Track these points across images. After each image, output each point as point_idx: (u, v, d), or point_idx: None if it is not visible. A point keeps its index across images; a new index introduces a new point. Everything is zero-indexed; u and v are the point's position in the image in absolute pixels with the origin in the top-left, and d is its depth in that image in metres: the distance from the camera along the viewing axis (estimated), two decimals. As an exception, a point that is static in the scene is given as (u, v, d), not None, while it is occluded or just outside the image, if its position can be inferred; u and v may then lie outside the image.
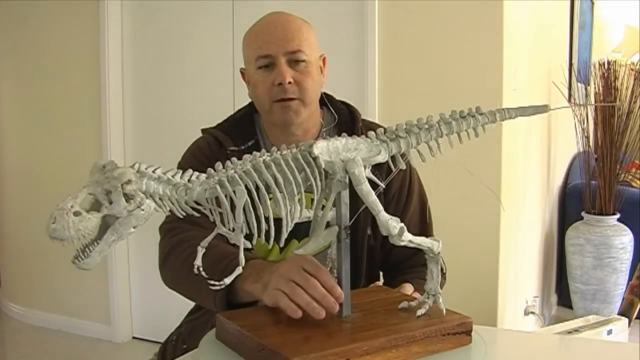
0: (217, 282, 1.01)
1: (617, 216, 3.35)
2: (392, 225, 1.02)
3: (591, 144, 3.55)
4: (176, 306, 1.52)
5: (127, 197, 0.87)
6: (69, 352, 3.22)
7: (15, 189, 3.63)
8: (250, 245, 0.98)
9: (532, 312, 3.05)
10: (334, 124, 1.43)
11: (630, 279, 3.32)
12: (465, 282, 2.30)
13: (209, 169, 0.97)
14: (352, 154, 1.03)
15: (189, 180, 0.94)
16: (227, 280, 1.01)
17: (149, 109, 3.21)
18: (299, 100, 1.33)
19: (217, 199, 0.96)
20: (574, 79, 3.93)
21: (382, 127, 1.21)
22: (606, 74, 3.36)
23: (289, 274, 1.07)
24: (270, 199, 0.98)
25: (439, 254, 1.08)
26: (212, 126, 1.44)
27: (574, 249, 3.37)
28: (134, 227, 0.88)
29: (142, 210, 0.87)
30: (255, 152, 1.00)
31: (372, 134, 1.06)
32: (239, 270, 0.99)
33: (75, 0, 3.22)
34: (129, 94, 3.23)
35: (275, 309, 1.06)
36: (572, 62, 3.97)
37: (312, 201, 1.04)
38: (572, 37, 4.00)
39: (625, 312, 3.15)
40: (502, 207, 2.51)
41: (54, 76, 3.35)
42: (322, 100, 1.45)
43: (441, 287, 1.08)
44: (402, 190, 1.42)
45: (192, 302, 1.40)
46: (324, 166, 1.01)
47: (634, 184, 3.70)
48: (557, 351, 1.31)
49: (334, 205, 1.05)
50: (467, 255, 2.46)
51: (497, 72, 2.50)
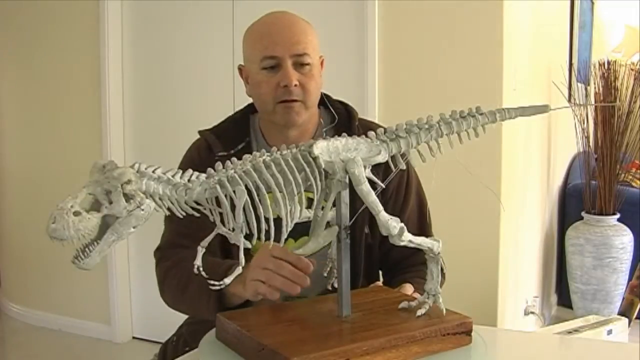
0: (217, 282, 1.02)
1: (617, 216, 3.35)
2: (392, 225, 1.02)
3: (591, 144, 3.55)
4: (176, 306, 1.52)
5: (127, 197, 0.87)
6: (69, 352, 3.22)
7: (15, 189, 3.63)
8: (250, 245, 0.98)
9: (532, 312, 3.05)
10: (333, 124, 1.44)
11: (630, 279, 3.32)
12: (465, 282, 2.30)
13: (209, 169, 0.97)
14: (352, 154, 1.03)
15: (189, 180, 0.94)
16: (227, 280, 1.01)
17: (149, 109, 3.21)
18: (301, 102, 1.33)
19: (217, 199, 0.96)
20: (574, 79, 3.93)
21: (380, 126, 1.21)
22: (606, 74, 3.36)
23: (261, 263, 1.16)
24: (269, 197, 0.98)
25: (439, 254, 1.08)
26: (208, 128, 1.45)
27: (574, 249, 3.37)
28: (134, 227, 0.88)
29: (142, 210, 0.87)
30: (255, 152, 1.00)
31: (372, 134, 1.06)
32: (239, 270, 0.99)
33: (75, 0, 3.22)
34: (129, 94, 3.22)
35: (275, 308, 1.06)
36: (572, 62, 3.97)
37: (310, 200, 1.04)
38: (572, 37, 4.00)
39: (625, 312, 3.15)
40: (502, 207, 2.51)
41: (54, 76, 3.35)
42: (321, 100, 1.45)
43: (440, 286, 1.08)
44: (399, 189, 1.42)
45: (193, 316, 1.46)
46: (324, 166, 1.01)
47: (634, 184, 3.70)
48: (557, 351, 1.31)
49: (334, 205, 1.05)
50: (467, 255, 2.46)
51: (497, 72, 2.49)
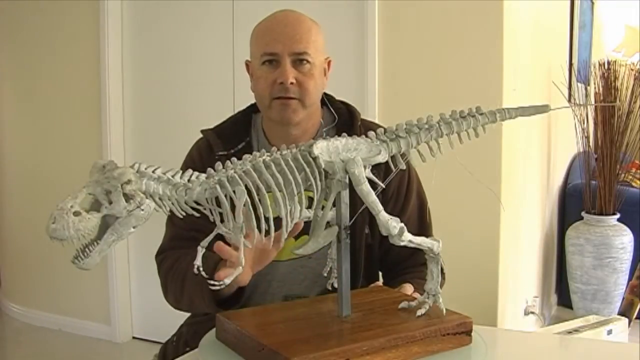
0: (216, 282, 1.02)
1: (617, 216, 3.35)
2: (392, 225, 1.02)
3: (591, 144, 3.55)
4: (176, 306, 1.52)
5: (127, 197, 0.87)
6: (69, 352, 3.22)
7: (15, 189, 3.63)
8: (249, 245, 0.98)
9: (532, 312, 3.05)
10: (333, 124, 1.44)
11: (630, 279, 3.32)
12: (465, 282, 2.30)
13: (209, 169, 0.97)
14: (352, 154, 1.02)
15: (189, 180, 0.94)
16: (227, 280, 1.01)
17: (149, 109, 3.21)
18: (298, 100, 1.33)
19: (217, 199, 0.95)
20: (574, 79, 3.93)
21: (381, 127, 1.21)
22: (606, 74, 3.36)
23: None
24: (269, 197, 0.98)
25: (439, 254, 1.08)
26: (210, 127, 1.45)
27: (574, 249, 3.37)
28: (134, 227, 0.88)
29: (142, 210, 0.87)
30: (255, 152, 1.00)
31: (372, 134, 1.06)
32: (239, 270, 0.99)
33: (75, 0, 3.22)
34: (129, 94, 3.22)
35: (275, 308, 1.06)
36: (572, 62, 3.97)
37: (311, 200, 1.04)
38: (572, 37, 4.00)
39: (625, 312, 3.15)
40: (502, 207, 2.51)
41: (54, 76, 3.35)
42: (322, 100, 1.45)
43: (440, 286, 1.08)
44: (400, 189, 1.42)
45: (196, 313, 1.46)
46: (323, 166, 1.01)
47: (634, 184, 3.70)
48: (557, 351, 1.31)
49: (334, 205, 1.05)
50: (467, 255, 2.46)
51: (497, 72, 2.49)
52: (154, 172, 0.92)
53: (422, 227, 1.45)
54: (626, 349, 1.38)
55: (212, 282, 1.02)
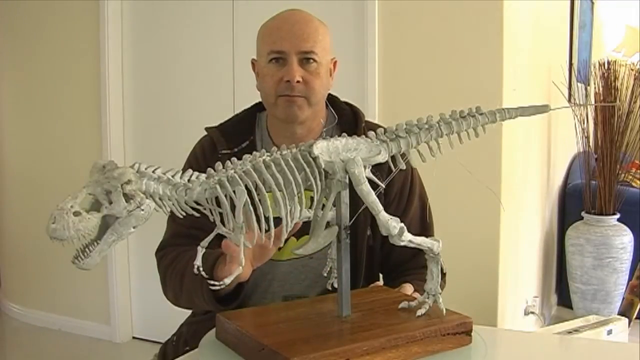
0: (216, 282, 1.02)
1: (617, 216, 3.35)
2: (392, 225, 1.02)
3: (591, 144, 3.55)
4: (176, 306, 1.52)
5: (127, 197, 0.87)
6: (69, 352, 3.22)
7: (15, 189, 3.63)
8: (250, 245, 0.98)
9: (532, 312, 3.05)
10: (333, 124, 1.44)
11: (630, 279, 3.32)
12: (465, 282, 2.30)
13: (209, 169, 0.97)
14: (352, 154, 1.02)
15: (189, 180, 0.94)
16: (227, 280, 1.01)
17: (149, 109, 3.21)
18: (304, 98, 1.34)
19: (217, 199, 0.95)
20: (574, 79, 3.92)
21: (383, 127, 1.21)
22: (606, 74, 3.36)
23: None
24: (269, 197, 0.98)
25: (439, 254, 1.08)
26: (214, 125, 1.46)
27: (574, 249, 3.37)
28: (134, 227, 0.88)
29: (142, 210, 0.87)
30: (255, 152, 1.00)
31: (372, 134, 1.06)
32: (239, 270, 0.99)
33: (75, 0, 3.22)
34: (129, 93, 3.22)
35: (275, 308, 1.06)
36: (572, 62, 3.97)
37: (312, 199, 1.04)
38: (572, 37, 4.00)
39: (625, 312, 3.15)
40: (502, 207, 2.51)
41: (54, 76, 3.35)
42: (327, 100, 1.45)
43: (441, 288, 1.08)
44: (403, 191, 1.42)
45: (196, 310, 1.46)
46: (323, 166, 1.01)
47: (634, 184, 3.70)
48: (557, 351, 1.31)
49: (334, 205, 1.05)
50: (467, 255, 2.46)
51: (497, 72, 2.49)
52: (154, 172, 0.92)
53: (424, 227, 1.45)
54: (626, 349, 1.38)
55: (212, 282, 1.02)
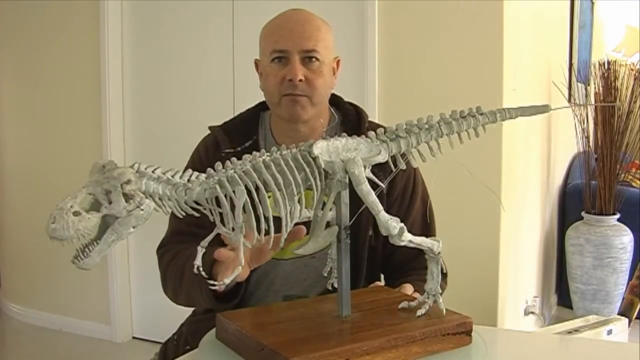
0: (216, 282, 1.02)
1: (617, 216, 3.35)
2: (392, 225, 1.02)
3: (591, 144, 3.55)
4: (176, 306, 1.52)
5: (127, 197, 0.86)
6: (69, 352, 3.22)
7: (15, 189, 3.63)
8: (249, 245, 0.98)
9: (532, 312, 3.05)
10: (333, 124, 1.44)
11: (630, 279, 3.32)
12: (465, 282, 2.29)
13: (209, 169, 0.97)
14: (352, 154, 1.02)
15: (189, 180, 0.94)
16: (227, 280, 1.01)
17: (149, 109, 3.21)
18: (307, 97, 1.34)
19: (217, 199, 0.95)
20: (574, 79, 3.93)
21: (383, 127, 1.21)
22: (606, 74, 3.36)
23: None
24: (269, 197, 0.98)
25: (439, 254, 1.08)
26: (218, 124, 1.46)
27: (574, 249, 3.37)
28: (134, 227, 0.88)
29: (142, 210, 0.87)
30: (255, 152, 1.00)
31: (372, 134, 1.06)
32: (238, 270, 0.99)
33: (75, 0, 3.22)
34: (129, 94, 3.23)
35: (275, 308, 1.06)
36: (572, 62, 3.97)
37: (313, 199, 1.03)
38: (572, 37, 4.00)
39: (625, 312, 3.15)
40: (502, 207, 2.51)
41: (54, 76, 3.35)
42: (330, 100, 1.45)
43: (442, 288, 1.08)
44: (405, 191, 1.42)
45: (196, 307, 1.47)
46: (323, 166, 1.01)
47: (634, 184, 3.70)
48: (557, 351, 1.31)
49: (334, 204, 1.05)
50: (467, 255, 2.45)
51: (497, 72, 2.50)
52: (153, 172, 0.91)
53: (426, 228, 1.45)
54: (626, 349, 1.38)
55: (212, 282, 1.02)
